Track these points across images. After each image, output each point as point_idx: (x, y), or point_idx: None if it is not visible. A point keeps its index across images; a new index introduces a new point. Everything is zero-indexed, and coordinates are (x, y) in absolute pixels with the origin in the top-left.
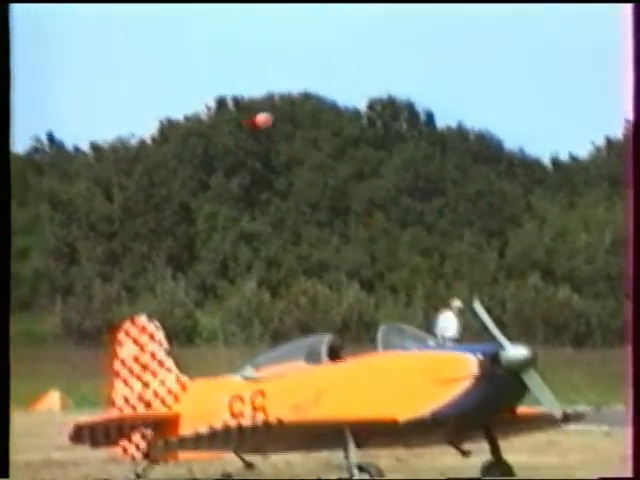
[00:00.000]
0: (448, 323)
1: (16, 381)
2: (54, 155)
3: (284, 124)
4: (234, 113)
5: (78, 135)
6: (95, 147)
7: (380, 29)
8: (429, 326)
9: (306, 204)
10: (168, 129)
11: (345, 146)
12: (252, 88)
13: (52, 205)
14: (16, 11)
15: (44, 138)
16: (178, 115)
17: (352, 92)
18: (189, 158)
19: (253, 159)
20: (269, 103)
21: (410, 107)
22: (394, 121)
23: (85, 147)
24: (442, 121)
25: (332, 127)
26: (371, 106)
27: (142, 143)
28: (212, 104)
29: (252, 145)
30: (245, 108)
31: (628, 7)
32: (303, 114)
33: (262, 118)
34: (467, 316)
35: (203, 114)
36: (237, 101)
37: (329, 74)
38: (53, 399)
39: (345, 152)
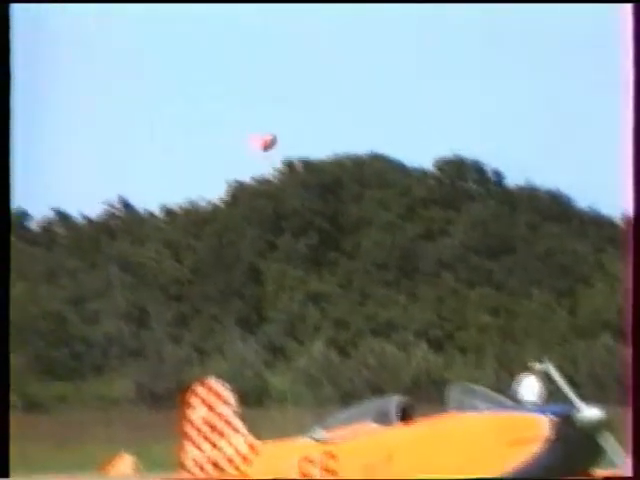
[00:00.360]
0: (530, 388)
1: (89, 444)
2: (126, 219)
3: (352, 184)
4: (302, 175)
5: (150, 198)
6: (166, 210)
7: (446, 89)
8: (500, 386)
9: (374, 264)
10: (237, 191)
11: (413, 206)
12: (320, 149)
13: (123, 268)
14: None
15: (117, 202)
16: (247, 177)
17: (420, 152)
18: (258, 219)
19: (321, 219)
20: (337, 164)
21: (478, 166)
22: (462, 180)
23: (156, 210)
24: (511, 179)
25: (400, 187)
26: (439, 166)
27: (212, 205)
28: (281, 166)
29: (320, 206)
30: (313, 169)
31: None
32: (371, 174)
33: (268, 138)
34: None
35: (272, 176)
36: (305, 163)
37: (397, 135)
38: (125, 462)
39: (413, 212)
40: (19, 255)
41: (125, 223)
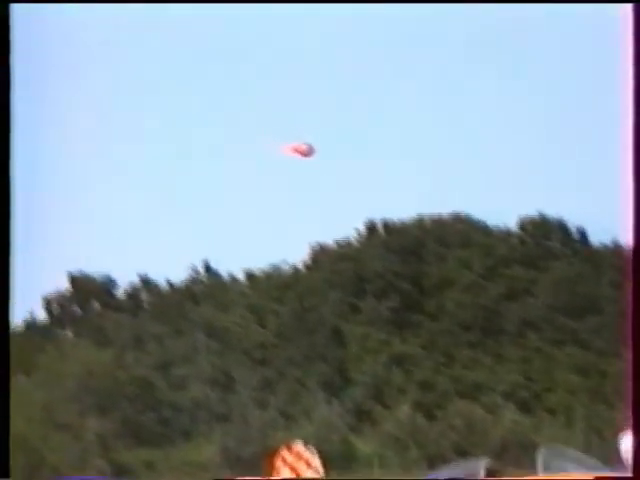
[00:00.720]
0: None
1: None
2: (210, 284)
3: (434, 245)
4: (384, 236)
5: (233, 263)
6: (249, 275)
7: (528, 149)
8: (590, 448)
9: (458, 325)
10: (319, 254)
11: (496, 266)
12: (402, 211)
13: (208, 333)
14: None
15: (200, 268)
16: (329, 240)
17: (502, 212)
18: (340, 282)
19: (403, 281)
20: (419, 225)
21: (562, 225)
22: (546, 240)
23: (240, 275)
24: (595, 238)
25: (482, 247)
26: (522, 225)
27: (294, 269)
28: (362, 228)
29: (402, 267)
30: (395, 231)
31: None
32: (453, 235)
33: (305, 147)
34: None
35: (353, 238)
36: (387, 224)
37: (479, 195)
38: None
39: (496, 272)
40: (106, 322)
41: (209, 288)
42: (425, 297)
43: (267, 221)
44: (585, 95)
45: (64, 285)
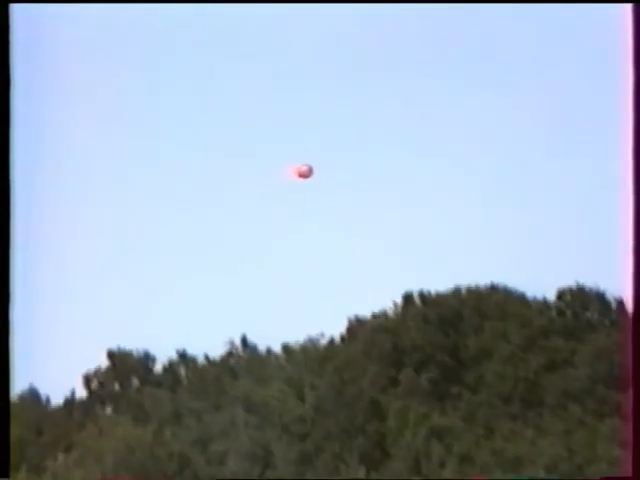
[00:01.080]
0: None
1: None
2: (248, 358)
3: (472, 317)
4: (421, 308)
5: (270, 337)
6: (287, 348)
7: (563, 220)
8: None
9: (498, 397)
10: (356, 327)
11: (535, 337)
12: (439, 282)
13: (246, 408)
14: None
15: (238, 342)
16: (366, 312)
17: (540, 282)
18: (378, 355)
19: (442, 353)
20: (456, 297)
21: (600, 296)
22: (584, 310)
23: (277, 349)
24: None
25: (521, 318)
26: (560, 296)
27: (332, 342)
28: (399, 300)
29: (440, 339)
30: (432, 303)
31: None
32: (491, 306)
33: (305, 168)
34: None
35: (390, 310)
36: (423, 296)
37: (516, 265)
38: None
39: (535, 343)
40: (145, 398)
41: (247, 362)
42: (464, 369)
43: (303, 294)
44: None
45: (103, 362)
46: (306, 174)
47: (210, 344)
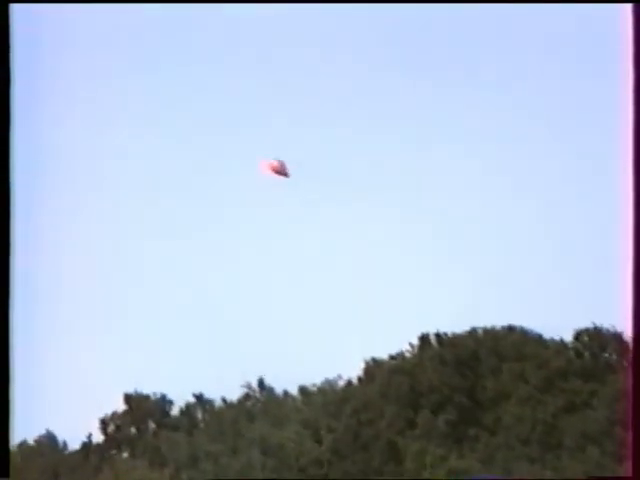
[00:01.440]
0: None
1: None
2: (265, 400)
3: (489, 358)
4: (438, 349)
5: (287, 379)
6: (303, 390)
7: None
8: None
9: (516, 439)
10: (373, 368)
11: (553, 378)
12: (455, 324)
13: (263, 451)
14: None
15: (255, 385)
16: (382, 353)
17: (557, 324)
18: (395, 396)
19: (459, 394)
20: (473, 337)
21: (618, 336)
22: (602, 351)
23: (294, 391)
24: None
25: (538, 359)
26: (577, 337)
27: (348, 384)
28: (415, 342)
29: (457, 380)
30: (449, 344)
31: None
32: (508, 347)
33: (276, 163)
34: None
35: (407, 352)
36: (440, 337)
37: (533, 306)
38: None
39: (553, 385)
40: (161, 441)
41: (264, 405)
42: (481, 410)
43: (320, 337)
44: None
45: (120, 406)
46: (279, 169)
47: (227, 387)
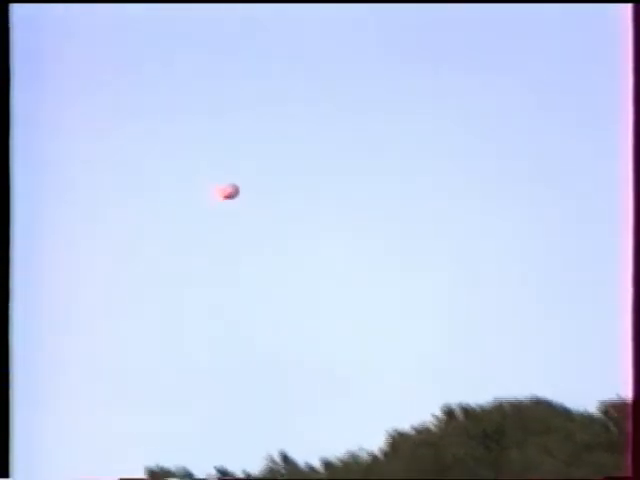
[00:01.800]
0: None
1: None
2: (288, 474)
3: (514, 431)
4: (463, 422)
5: (310, 452)
6: (327, 464)
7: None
8: None
9: None
10: (397, 440)
11: (579, 452)
12: (479, 395)
13: None
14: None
15: (278, 458)
16: (406, 426)
17: (583, 396)
18: (420, 469)
19: (484, 467)
20: (498, 410)
21: None
22: (627, 424)
23: (317, 464)
24: None
25: (564, 432)
26: (603, 409)
27: (372, 456)
28: (440, 413)
29: (482, 453)
30: (474, 416)
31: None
32: (533, 420)
33: (230, 189)
34: None
35: (431, 424)
36: (465, 409)
37: (558, 378)
38: None
39: (579, 458)
40: None
41: (287, 478)
42: None
43: (343, 409)
44: None
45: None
46: (232, 195)
47: (250, 461)
